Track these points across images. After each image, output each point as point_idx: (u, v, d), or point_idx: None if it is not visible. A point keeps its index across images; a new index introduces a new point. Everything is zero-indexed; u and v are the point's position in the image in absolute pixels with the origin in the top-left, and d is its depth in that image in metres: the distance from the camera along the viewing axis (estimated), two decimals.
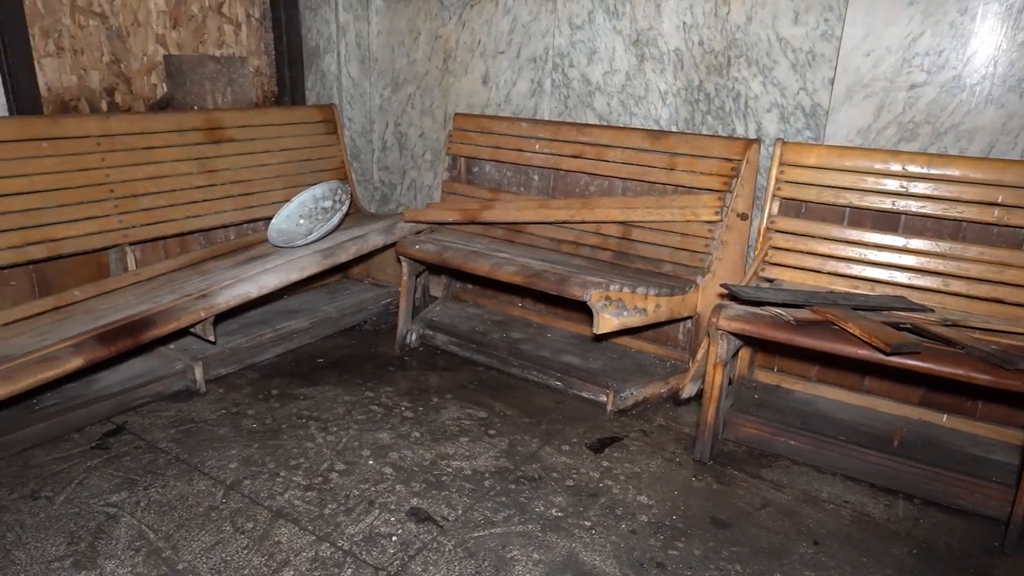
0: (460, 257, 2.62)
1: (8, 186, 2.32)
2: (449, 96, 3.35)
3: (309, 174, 3.30)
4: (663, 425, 2.47)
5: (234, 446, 2.24)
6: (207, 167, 2.89)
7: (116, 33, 2.85)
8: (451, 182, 3.25)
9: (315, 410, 2.48)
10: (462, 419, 2.46)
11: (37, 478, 2.03)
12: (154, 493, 1.99)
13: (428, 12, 3.28)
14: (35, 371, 1.94)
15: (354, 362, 2.89)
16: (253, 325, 2.92)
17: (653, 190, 2.75)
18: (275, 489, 2.03)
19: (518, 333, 3.01)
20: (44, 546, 1.76)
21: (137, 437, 2.27)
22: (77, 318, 2.33)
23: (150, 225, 2.71)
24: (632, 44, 2.78)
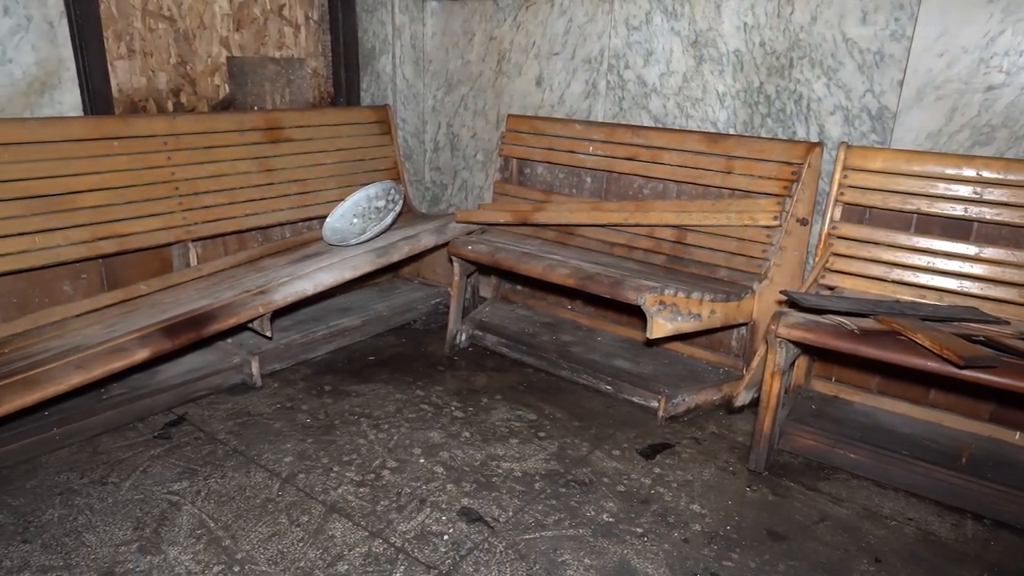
0: (512, 258, 2.62)
1: (82, 183, 2.42)
2: (502, 97, 3.35)
3: (363, 174, 3.35)
4: (716, 433, 2.43)
5: (289, 440, 2.28)
6: (265, 166, 2.96)
7: (183, 36, 2.94)
8: (503, 183, 3.25)
9: (367, 407, 2.51)
10: (512, 420, 2.46)
11: (105, 464, 2.11)
12: (214, 483, 2.04)
13: (483, 13, 3.30)
14: (106, 361, 2.01)
15: (404, 361, 2.92)
16: (307, 322, 2.98)
17: (709, 194, 2.71)
18: (329, 484, 2.06)
19: (568, 336, 2.99)
20: (112, 530, 1.83)
21: (197, 428, 2.34)
22: (143, 311, 2.41)
23: (211, 222, 2.78)
24: (690, 45, 2.74)
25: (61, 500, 1.94)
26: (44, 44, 2.43)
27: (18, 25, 2.36)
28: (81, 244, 2.41)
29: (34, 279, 2.44)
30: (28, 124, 2.32)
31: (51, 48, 2.45)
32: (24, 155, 2.29)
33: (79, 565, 1.70)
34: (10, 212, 2.25)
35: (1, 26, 2.32)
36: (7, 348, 2.17)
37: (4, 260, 2.24)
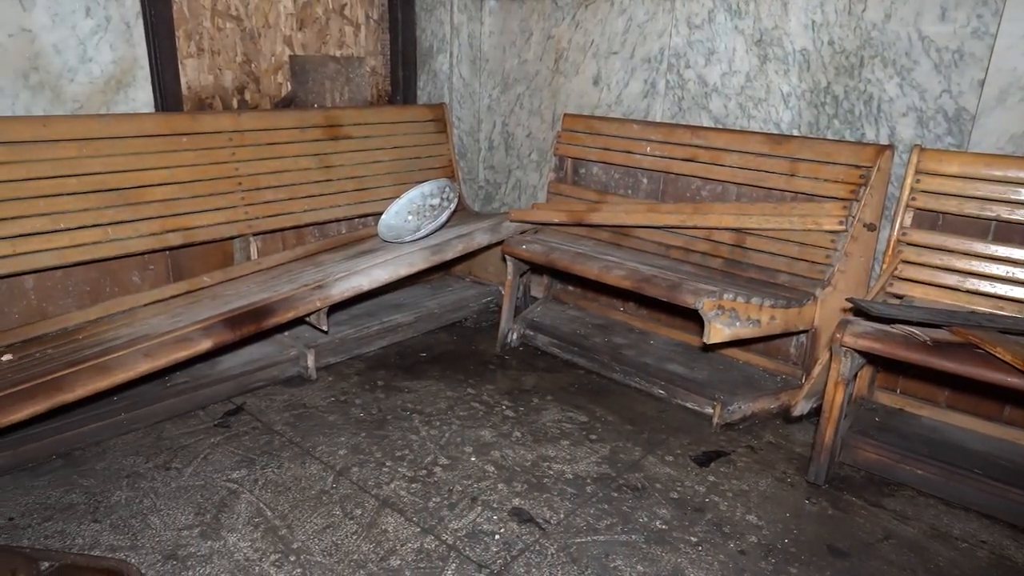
0: (567, 259, 2.61)
1: (152, 177, 2.50)
2: (559, 96, 3.33)
3: (418, 172, 3.38)
4: (772, 443, 2.36)
5: (343, 433, 2.32)
6: (325, 163, 3.01)
7: (249, 35, 3.01)
8: (557, 183, 3.23)
9: (419, 404, 2.53)
10: (563, 422, 2.44)
11: (168, 450, 2.18)
12: (271, 473, 2.09)
13: (541, 12, 3.28)
14: (171, 350, 2.08)
15: (455, 358, 2.93)
16: (360, 317, 3.02)
17: (770, 196, 2.63)
18: (381, 478, 2.08)
19: (620, 338, 2.96)
20: (175, 514, 1.88)
21: (254, 418, 2.39)
22: (205, 302, 2.48)
23: (271, 217, 2.85)
24: (754, 44, 2.67)
25: (128, 483, 2.01)
26: (121, 44, 2.53)
27: (98, 26, 2.46)
28: (150, 236, 2.49)
29: (106, 269, 2.53)
30: (105, 120, 2.41)
31: (127, 47, 2.55)
32: (100, 150, 2.38)
33: (144, 546, 1.76)
34: (86, 204, 2.35)
35: (83, 27, 2.42)
36: (80, 334, 2.27)
37: (80, 250, 2.33)
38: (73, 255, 2.31)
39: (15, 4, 2.27)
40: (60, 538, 1.77)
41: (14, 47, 2.30)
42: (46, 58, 2.37)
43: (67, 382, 1.89)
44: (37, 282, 2.38)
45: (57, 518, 1.85)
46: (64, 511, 1.88)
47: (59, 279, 2.43)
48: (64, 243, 2.29)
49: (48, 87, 2.40)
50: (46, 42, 2.36)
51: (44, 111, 2.40)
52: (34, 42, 2.33)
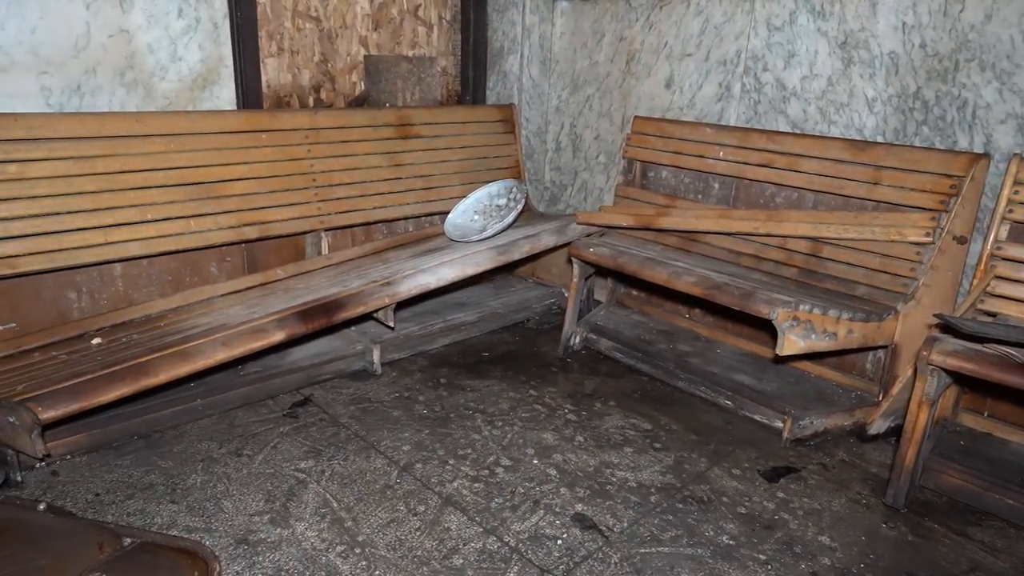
0: (636, 263, 2.57)
1: (233, 172, 2.59)
2: (629, 99, 3.29)
3: (485, 171, 3.39)
4: (846, 461, 2.27)
5: (407, 429, 2.34)
6: (395, 161, 3.06)
7: (327, 35, 3.08)
8: (625, 186, 3.19)
9: (481, 403, 2.54)
10: (626, 428, 2.41)
11: (240, 437, 2.25)
12: (336, 465, 2.13)
13: (615, 14, 3.25)
14: (247, 340, 2.14)
15: (518, 359, 2.93)
16: (424, 315, 3.05)
17: (850, 205, 2.53)
18: (444, 476, 2.10)
19: (685, 345, 2.90)
20: (246, 500, 1.94)
21: (321, 410, 2.45)
22: (279, 295, 2.55)
23: (342, 213, 2.91)
24: (838, 47, 2.57)
25: (203, 467, 2.08)
26: (209, 43, 2.62)
27: (189, 26, 2.56)
28: (229, 229, 2.58)
29: (186, 259, 2.63)
30: (191, 116, 2.51)
31: (214, 47, 2.64)
32: (187, 145, 2.48)
33: (218, 530, 1.82)
34: (172, 197, 2.45)
35: (175, 27, 2.53)
36: (163, 321, 2.36)
37: (165, 241, 2.43)
38: (159, 245, 2.42)
39: (116, 6, 2.38)
40: (141, 516, 1.85)
41: (113, 47, 2.41)
42: (141, 57, 2.48)
43: (152, 367, 1.97)
44: (124, 270, 2.49)
45: (138, 497, 1.93)
46: (144, 490, 1.96)
47: (144, 268, 2.54)
48: (151, 233, 2.40)
49: (141, 84, 2.51)
50: (141, 42, 2.47)
51: (136, 107, 2.51)
52: (131, 42, 2.45)
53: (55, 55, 2.31)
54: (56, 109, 2.35)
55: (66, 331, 2.29)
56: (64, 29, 2.31)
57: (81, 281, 2.41)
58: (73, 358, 2.13)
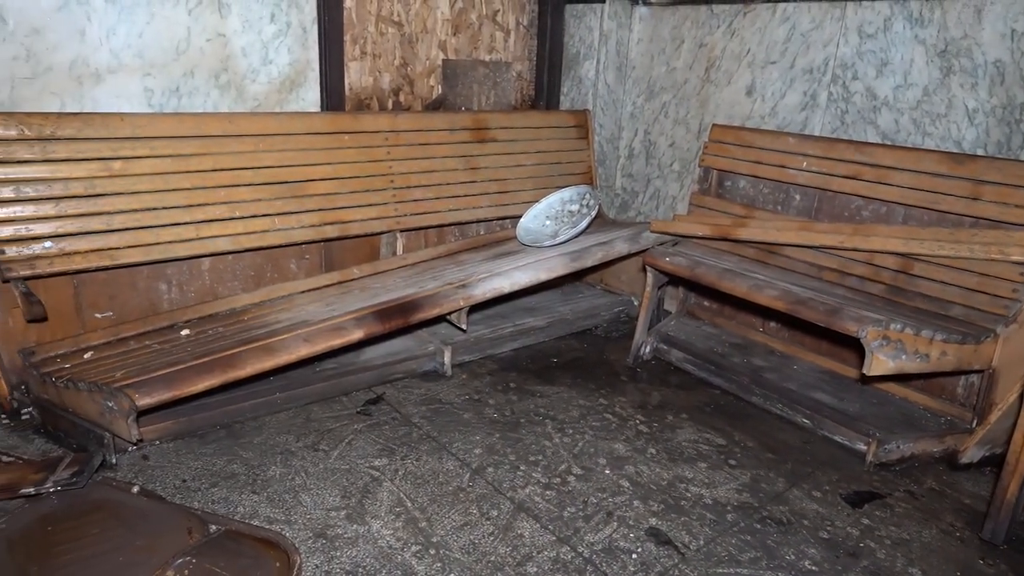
0: (714, 275, 2.51)
1: (317, 172, 2.66)
2: (707, 106, 3.23)
3: (558, 176, 3.39)
4: (935, 490, 2.16)
5: (477, 432, 2.35)
6: (471, 164, 3.08)
7: (408, 39, 3.13)
8: (700, 195, 3.13)
9: (551, 409, 2.53)
10: (699, 443, 2.36)
11: (316, 432, 2.30)
12: (410, 464, 2.15)
13: (695, 20, 3.20)
14: (328, 337, 2.19)
15: (586, 366, 2.90)
16: (494, 318, 3.06)
17: (945, 221, 2.42)
18: (516, 482, 2.09)
19: (760, 360, 2.82)
20: (323, 495, 1.98)
21: (393, 409, 2.48)
22: (355, 293, 2.60)
23: (418, 215, 2.95)
24: (937, 55, 2.46)
25: (281, 459, 2.13)
26: (297, 47, 2.70)
27: (280, 31, 2.64)
28: (310, 228, 2.65)
29: (268, 256, 2.71)
30: (280, 118, 2.59)
31: (302, 51, 2.72)
32: (274, 145, 2.55)
33: (297, 522, 1.86)
34: (259, 195, 2.53)
35: (267, 31, 2.61)
36: (246, 315, 2.44)
37: (251, 237, 2.51)
38: (245, 241, 2.50)
39: (215, 12, 2.48)
40: (224, 504, 1.91)
41: (210, 50, 2.51)
42: (234, 60, 2.58)
43: (239, 360, 2.03)
44: (212, 264, 2.58)
45: (222, 485, 1.99)
46: (227, 479, 2.02)
47: (229, 263, 2.63)
48: (239, 230, 2.48)
49: (234, 86, 2.60)
50: (236, 46, 2.56)
51: (229, 108, 2.61)
52: (226, 46, 2.54)
53: (158, 58, 2.42)
54: (156, 109, 2.46)
55: (158, 321, 2.39)
56: (167, 34, 2.41)
57: (172, 274, 2.51)
58: (165, 348, 2.22)
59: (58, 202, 2.15)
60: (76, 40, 2.26)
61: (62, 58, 2.26)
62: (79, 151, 2.18)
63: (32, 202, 2.11)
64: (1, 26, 2.13)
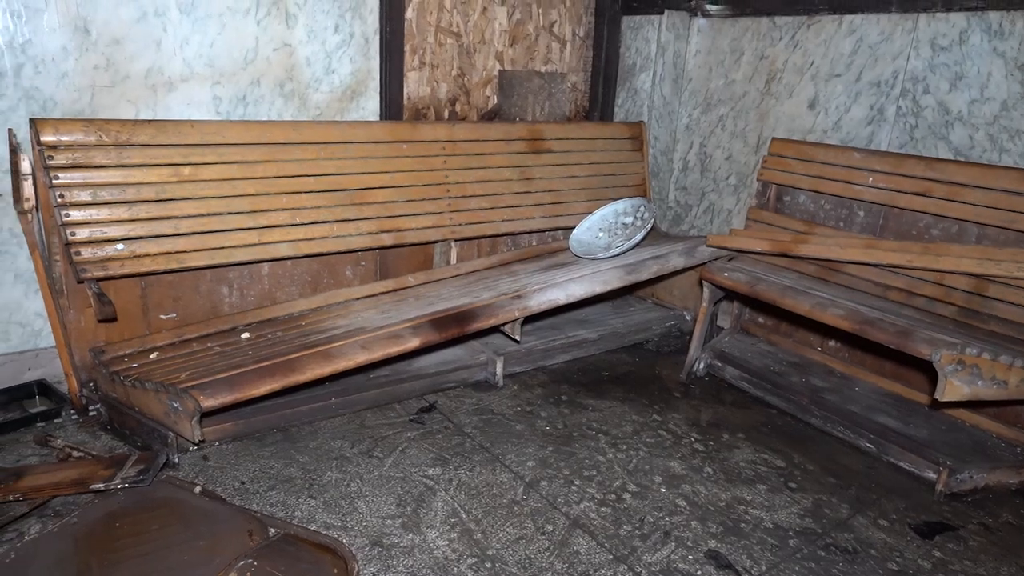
0: (775, 292, 2.45)
1: (375, 181, 2.69)
2: (766, 120, 3.17)
3: (611, 188, 3.36)
4: (1012, 524, 2.06)
5: (530, 445, 2.33)
6: (526, 175, 3.08)
7: (466, 50, 3.16)
8: (758, 209, 3.07)
9: (604, 424, 2.50)
10: (757, 464, 2.29)
11: (370, 438, 2.31)
12: (463, 475, 2.14)
13: (756, 32, 3.15)
14: (385, 345, 2.20)
15: (638, 381, 2.86)
16: (545, 329, 3.04)
17: (1023, 241, 2.32)
18: (571, 497, 2.07)
19: (819, 380, 2.74)
20: (379, 502, 1.98)
21: (446, 418, 2.48)
22: (410, 301, 2.61)
23: (472, 224, 2.95)
24: (1017, 68, 2.37)
25: (337, 465, 2.15)
26: (360, 57, 2.74)
27: (343, 41, 2.69)
28: (368, 235, 2.67)
29: (325, 262, 2.75)
30: (341, 126, 2.62)
31: (364, 60, 2.76)
32: (335, 153, 2.59)
33: (354, 529, 1.86)
34: (319, 202, 2.56)
35: (331, 41, 2.66)
36: (304, 320, 2.47)
37: (310, 244, 2.55)
38: (305, 247, 2.53)
39: (282, 22, 2.54)
40: (282, 508, 1.93)
41: (276, 60, 2.56)
42: (299, 69, 2.63)
43: (299, 364, 2.06)
44: (271, 269, 2.63)
45: (279, 488, 2.01)
46: (285, 483, 2.04)
47: (288, 268, 2.67)
48: (299, 236, 2.52)
49: (297, 95, 2.65)
50: (301, 55, 2.62)
51: (292, 117, 2.66)
52: (292, 55, 2.59)
53: (227, 67, 2.48)
54: (223, 117, 2.52)
55: (219, 324, 2.44)
56: (237, 43, 2.47)
57: (233, 278, 2.56)
58: (226, 350, 2.26)
59: (131, 206, 2.22)
60: (152, 50, 2.34)
61: (139, 67, 2.33)
62: (152, 157, 2.24)
63: (107, 206, 2.17)
64: (85, 37, 2.21)
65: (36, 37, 2.14)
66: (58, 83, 2.21)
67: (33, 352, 2.37)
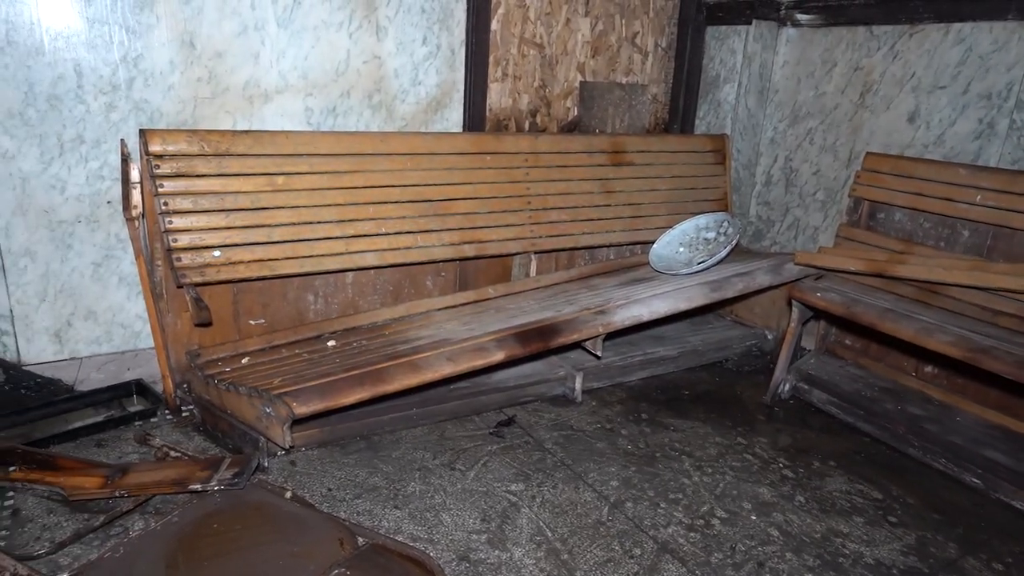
0: (874, 314, 2.34)
1: (458, 192, 2.70)
2: (860, 133, 3.05)
3: (692, 203, 3.29)
4: None
5: (612, 464, 2.28)
6: (607, 188, 3.04)
7: (548, 62, 3.15)
8: (849, 227, 2.94)
9: (686, 445, 2.43)
10: (852, 494, 2.18)
11: (452, 450, 2.30)
12: (546, 492, 2.11)
13: (851, 42, 3.03)
14: (471, 358, 2.19)
15: (719, 401, 2.78)
16: (622, 345, 2.98)
17: None
18: (657, 520, 2.01)
19: (916, 408, 2.60)
20: (463, 516, 1.97)
21: (525, 432, 2.45)
22: (491, 314, 2.60)
23: (552, 237, 2.93)
24: None
25: (420, 476, 2.15)
26: (445, 69, 2.77)
27: (430, 53, 2.71)
28: (450, 246, 2.68)
29: (407, 272, 2.77)
30: (427, 137, 2.64)
31: (450, 72, 2.78)
32: (421, 164, 2.61)
33: (440, 542, 1.86)
34: (404, 213, 2.59)
35: (419, 53, 2.69)
36: (387, 330, 2.49)
37: (395, 254, 2.57)
38: (390, 257, 2.56)
39: (372, 35, 2.58)
40: (369, 517, 1.94)
41: (366, 71, 2.61)
42: (387, 81, 2.66)
43: (388, 375, 2.07)
44: (355, 278, 2.66)
45: (365, 497, 2.03)
46: (370, 492, 2.05)
47: (371, 277, 2.70)
48: (384, 246, 2.54)
49: (384, 106, 2.69)
50: (389, 67, 2.65)
51: (379, 128, 2.70)
52: (381, 67, 2.63)
53: (320, 79, 2.53)
54: (314, 128, 2.58)
55: (305, 331, 2.48)
56: (330, 56, 2.53)
57: (319, 285, 2.60)
58: (314, 357, 2.30)
59: (228, 214, 2.28)
60: (251, 63, 2.41)
61: (238, 79, 2.40)
62: (249, 166, 2.31)
63: (206, 213, 2.24)
64: (190, 51, 2.29)
65: (147, 52, 2.23)
66: (165, 95, 2.30)
67: (133, 352, 2.46)
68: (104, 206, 2.30)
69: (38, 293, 2.27)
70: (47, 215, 2.22)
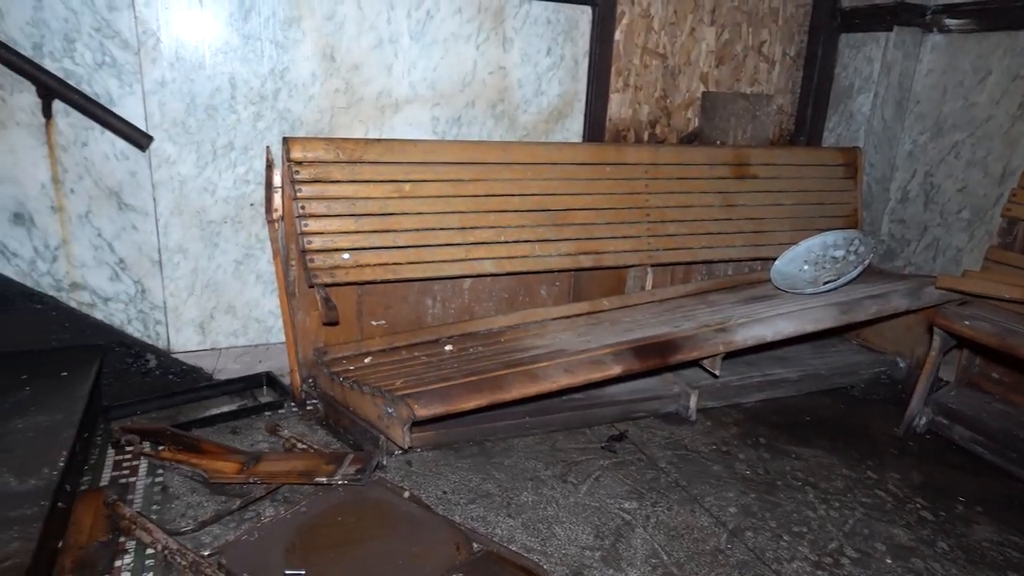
0: None
1: (576, 202, 2.69)
2: (1016, 147, 2.79)
3: (818, 218, 3.12)
4: None
5: (730, 489, 2.19)
6: (728, 201, 2.94)
7: (670, 72, 3.09)
8: (1001, 249, 2.70)
9: (810, 475, 2.29)
10: (1005, 546, 1.99)
11: (563, 462, 2.29)
12: (661, 513, 2.05)
13: (1010, 48, 2.78)
14: (588, 370, 2.17)
15: (845, 430, 2.61)
16: (740, 364, 2.86)
17: None
18: (780, 553, 1.91)
19: None
20: (576, 531, 1.95)
21: (637, 449, 2.40)
22: (606, 326, 2.57)
23: (670, 250, 2.86)
24: None
25: (532, 486, 2.14)
26: (568, 79, 2.77)
27: (554, 63, 2.73)
28: (567, 256, 2.68)
29: (522, 280, 2.79)
30: (548, 147, 2.66)
31: (572, 82, 2.78)
32: (541, 173, 2.62)
33: (554, 556, 1.84)
34: (523, 221, 2.61)
35: (542, 64, 2.71)
36: (502, 337, 2.52)
37: (512, 262, 2.59)
38: (507, 265, 2.58)
39: (499, 46, 2.62)
40: (483, 523, 1.95)
41: (491, 82, 2.65)
42: (511, 91, 2.70)
43: (506, 383, 2.08)
44: (472, 284, 2.71)
45: (478, 503, 2.04)
46: (483, 498, 2.07)
47: (487, 284, 2.74)
48: (502, 254, 2.57)
49: (507, 116, 2.73)
50: (513, 78, 2.69)
51: (501, 137, 2.73)
52: (505, 78, 2.67)
53: (447, 89, 2.60)
54: (439, 137, 2.65)
55: (423, 335, 2.55)
56: (457, 67, 2.59)
57: (437, 290, 2.67)
58: (432, 361, 2.35)
59: (357, 219, 2.38)
60: (384, 74, 2.50)
61: (371, 90, 2.51)
62: (379, 173, 2.40)
63: (338, 218, 2.35)
64: (330, 63, 2.41)
65: (292, 65, 2.37)
66: (305, 105, 2.43)
67: (264, 346, 2.61)
68: (247, 208, 2.45)
69: (187, 287, 2.45)
70: (199, 215, 2.40)
